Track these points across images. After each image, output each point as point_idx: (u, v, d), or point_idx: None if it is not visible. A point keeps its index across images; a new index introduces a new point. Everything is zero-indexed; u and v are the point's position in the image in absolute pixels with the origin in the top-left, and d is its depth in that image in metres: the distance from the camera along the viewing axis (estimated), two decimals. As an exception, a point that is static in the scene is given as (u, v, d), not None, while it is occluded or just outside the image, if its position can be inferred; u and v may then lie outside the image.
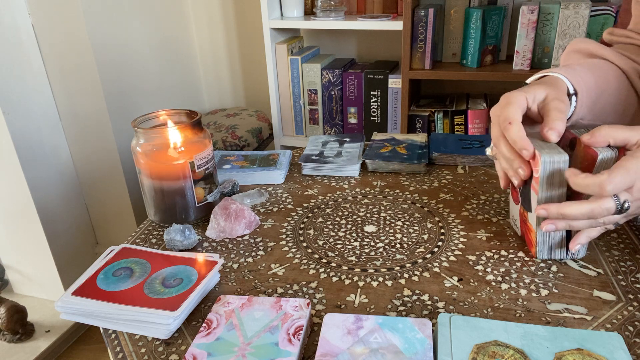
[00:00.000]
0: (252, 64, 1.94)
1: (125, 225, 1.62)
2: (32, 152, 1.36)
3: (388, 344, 0.43)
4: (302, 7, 1.65)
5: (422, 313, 0.50)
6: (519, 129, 0.54)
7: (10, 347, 1.37)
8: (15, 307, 1.38)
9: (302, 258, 0.61)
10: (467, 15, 1.42)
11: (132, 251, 0.58)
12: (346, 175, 0.82)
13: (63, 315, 0.51)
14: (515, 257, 0.58)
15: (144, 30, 1.62)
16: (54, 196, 1.46)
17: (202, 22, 1.92)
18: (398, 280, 0.55)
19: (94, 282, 0.53)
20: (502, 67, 1.45)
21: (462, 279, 0.55)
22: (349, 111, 1.65)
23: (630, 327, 0.47)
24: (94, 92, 1.43)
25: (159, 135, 0.66)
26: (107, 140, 1.49)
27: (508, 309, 0.50)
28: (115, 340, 0.49)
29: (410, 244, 0.62)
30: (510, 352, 0.42)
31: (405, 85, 1.48)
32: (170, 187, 0.67)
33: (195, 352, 0.44)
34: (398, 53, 1.72)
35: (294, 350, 0.43)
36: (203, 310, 0.52)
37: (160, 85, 1.72)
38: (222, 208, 0.66)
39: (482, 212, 0.69)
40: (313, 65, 1.62)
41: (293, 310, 0.48)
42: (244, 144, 1.66)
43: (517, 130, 0.54)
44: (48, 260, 1.46)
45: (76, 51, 1.38)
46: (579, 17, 1.31)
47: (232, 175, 0.81)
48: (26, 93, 1.35)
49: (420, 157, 0.82)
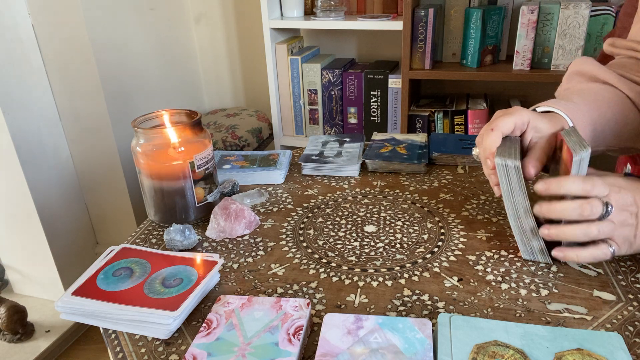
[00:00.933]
0: (252, 64, 1.94)
1: (125, 225, 1.62)
2: (32, 152, 1.36)
3: (388, 344, 0.43)
4: (302, 7, 1.65)
5: (422, 313, 0.50)
6: (495, 138, 0.56)
7: (10, 347, 1.37)
8: (15, 307, 1.38)
9: (302, 258, 0.61)
10: (467, 15, 1.42)
11: (132, 251, 0.58)
12: (346, 175, 0.82)
13: (63, 315, 0.51)
14: (515, 257, 0.58)
15: (144, 30, 1.62)
16: (54, 196, 1.46)
17: (202, 22, 1.92)
18: (398, 280, 0.55)
19: (94, 282, 0.53)
20: (502, 67, 1.45)
21: (462, 279, 0.55)
22: (349, 111, 1.65)
23: (630, 327, 0.47)
24: (94, 92, 1.43)
25: (159, 135, 0.66)
26: (107, 140, 1.49)
27: (508, 309, 0.50)
28: (115, 340, 0.49)
29: (410, 244, 0.62)
30: (510, 352, 0.42)
31: (405, 85, 1.48)
32: (170, 187, 0.67)
33: (195, 352, 0.44)
34: (398, 53, 1.72)
35: (294, 350, 0.43)
36: (203, 310, 0.52)
37: (160, 86, 1.72)
38: (222, 208, 0.66)
39: (482, 212, 0.69)
40: (313, 65, 1.62)
41: (293, 310, 0.48)
42: (244, 144, 1.66)
43: (492, 139, 0.56)
44: (48, 260, 1.46)
45: (76, 51, 1.38)
46: (579, 17, 1.31)
47: (232, 175, 0.81)
48: (26, 93, 1.35)
49: (420, 157, 0.82)
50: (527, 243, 0.57)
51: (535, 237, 0.56)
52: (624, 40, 0.72)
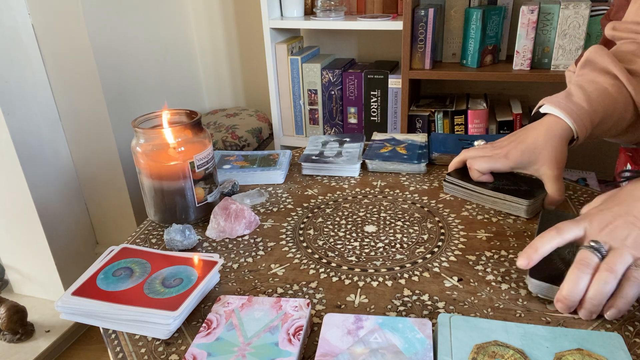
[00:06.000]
0: (252, 64, 1.94)
1: (125, 225, 1.62)
2: (32, 152, 1.36)
3: (388, 344, 0.43)
4: (302, 7, 1.65)
5: (422, 313, 0.50)
6: (456, 161, 0.74)
7: (10, 347, 1.37)
8: (15, 307, 1.38)
9: (302, 258, 0.61)
10: (467, 15, 1.42)
11: (132, 251, 0.58)
12: (346, 175, 0.82)
13: (63, 315, 0.51)
14: (515, 257, 0.58)
15: (144, 30, 1.62)
16: (54, 196, 1.46)
17: (202, 22, 1.92)
18: (398, 280, 0.55)
19: (94, 282, 0.53)
20: (502, 67, 1.45)
21: (462, 279, 0.55)
22: (349, 111, 1.65)
23: (630, 327, 0.47)
24: (94, 92, 1.43)
25: (159, 135, 0.66)
26: (107, 140, 1.49)
27: (508, 309, 0.50)
28: (115, 340, 0.49)
29: (410, 244, 0.62)
30: (510, 352, 0.42)
31: (405, 85, 1.48)
32: (170, 187, 0.67)
33: (195, 352, 0.44)
34: (398, 53, 1.72)
35: (294, 350, 0.43)
36: (203, 310, 0.52)
37: (160, 86, 1.72)
38: (222, 208, 0.66)
39: (482, 212, 0.69)
40: (313, 65, 1.62)
41: (293, 310, 0.48)
42: (244, 144, 1.66)
43: (455, 161, 0.75)
44: (48, 260, 1.46)
45: (76, 51, 1.38)
46: (579, 17, 1.31)
47: (232, 175, 0.81)
48: (26, 93, 1.35)
49: (420, 157, 0.82)
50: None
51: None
52: (626, 23, 0.71)
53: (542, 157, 0.65)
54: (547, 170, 0.65)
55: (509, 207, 0.68)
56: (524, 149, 0.66)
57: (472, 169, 0.70)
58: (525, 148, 0.66)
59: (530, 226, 0.65)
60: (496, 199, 0.69)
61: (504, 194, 0.67)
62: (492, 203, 0.69)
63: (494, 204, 0.69)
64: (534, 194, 0.66)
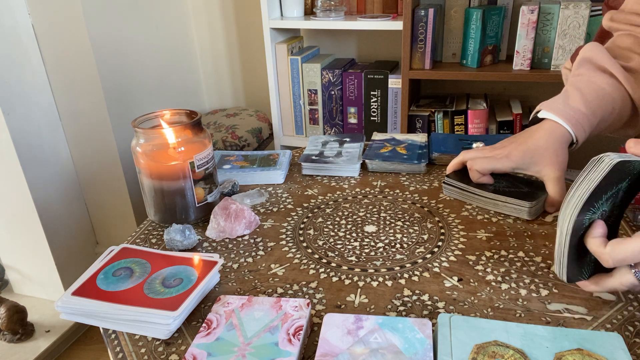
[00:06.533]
0: (252, 64, 1.94)
1: (125, 225, 1.62)
2: (32, 152, 1.36)
3: (388, 344, 0.43)
4: (302, 7, 1.65)
5: (422, 313, 0.50)
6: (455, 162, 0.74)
7: (10, 347, 1.37)
8: (15, 307, 1.38)
9: (302, 258, 0.61)
10: (467, 15, 1.41)
11: (132, 251, 0.58)
12: (346, 175, 0.82)
13: (63, 315, 0.51)
14: (515, 257, 0.58)
15: (144, 30, 1.62)
16: (54, 196, 1.46)
17: (202, 22, 1.92)
18: (398, 280, 0.55)
19: (94, 282, 0.53)
20: (502, 67, 1.45)
21: (462, 279, 0.55)
22: (349, 111, 1.65)
23: (630, 327, 0.47)
24: (94, 92, 1.43)
25: (159, 135, 0.66)
26: (107, 140, 1.49)
27: (508, 309, 0.50)
28: (115, 340, 0.49)
29: (410, 244, 0.62)
30: (510, 352, 0.42)
31: (405, 85, 1.48)
32: (170, 187, 0.67)
33: (195, 352, 0.44)
34: (398, 53, 1.72)
35: (294, 350, 0.43)
36: (203, 310, 0.52)
37: (160, 86, 1.72)
38: (222, 208, 0.66)
39: (482, 212, 0.69)
40: (313, 65, 1.62)
41: (293, 310, 0.48)
42: (244, 144, 1.66)
43: (454, 162, 0.74)
44: (48, 260, 1.46)
45: (76, 51, 1.38)
46: (579, 17, 1.31)
47: (232, 175, 0.81)
48: (26, 93, 1.35)
49: (420, 157, 0.82)
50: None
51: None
52: (624, 13, 0.71)
53: (544, 159, 0.65)
54: (549, 171, 0.65)
55: (510, 209, 0.67)
56: (525, 150, 0.66)
57: (472, 169, 0.70)
58: (527, 149, 0.66)
59: (530, 226, 0.65)
60: (497, 202, 0.68)
61: (506, 197, 0.67)
62: (493, 205, 0.69)
63: (494, 206, 0.69)
64: (535, 196, 0.66)
